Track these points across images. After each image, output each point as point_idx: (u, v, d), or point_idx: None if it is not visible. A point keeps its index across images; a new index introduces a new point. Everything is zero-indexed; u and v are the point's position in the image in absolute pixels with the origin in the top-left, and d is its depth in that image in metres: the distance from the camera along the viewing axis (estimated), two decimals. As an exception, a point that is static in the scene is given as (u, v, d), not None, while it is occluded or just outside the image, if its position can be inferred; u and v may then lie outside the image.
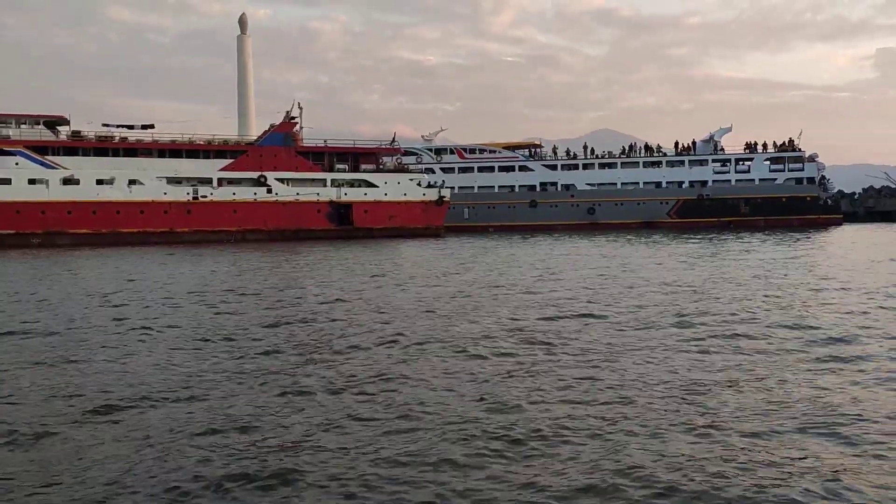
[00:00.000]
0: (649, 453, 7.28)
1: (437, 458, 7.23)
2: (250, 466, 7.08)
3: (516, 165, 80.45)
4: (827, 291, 20.01)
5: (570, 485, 6.57)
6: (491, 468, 6.98)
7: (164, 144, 59.57)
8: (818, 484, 6.51)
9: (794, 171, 76.41)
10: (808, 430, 7.96)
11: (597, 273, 26.47)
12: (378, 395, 9.61)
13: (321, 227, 61.14)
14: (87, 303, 19.47)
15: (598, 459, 7.15)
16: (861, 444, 7.53)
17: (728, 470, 6.83)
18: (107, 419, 8.68)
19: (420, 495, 6.44)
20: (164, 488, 6.63)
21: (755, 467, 6.90)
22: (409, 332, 14.14)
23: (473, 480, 6.70)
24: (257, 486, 6.67)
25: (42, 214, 54.34)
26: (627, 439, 7.72)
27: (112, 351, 12.74)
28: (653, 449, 7.41)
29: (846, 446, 7.48)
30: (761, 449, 7.39)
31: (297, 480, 6.77)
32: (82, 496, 6.52)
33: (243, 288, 22.88)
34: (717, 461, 7.05)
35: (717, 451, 7.35)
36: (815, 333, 13.54)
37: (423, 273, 27.73)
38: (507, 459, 7.22)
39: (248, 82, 72.22)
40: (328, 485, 6.66)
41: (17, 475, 6.98)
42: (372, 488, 6.56)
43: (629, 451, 7.33)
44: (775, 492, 6.34)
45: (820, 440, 7.66)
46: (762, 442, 7.61)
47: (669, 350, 12.27)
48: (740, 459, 7.11)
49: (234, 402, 9.33)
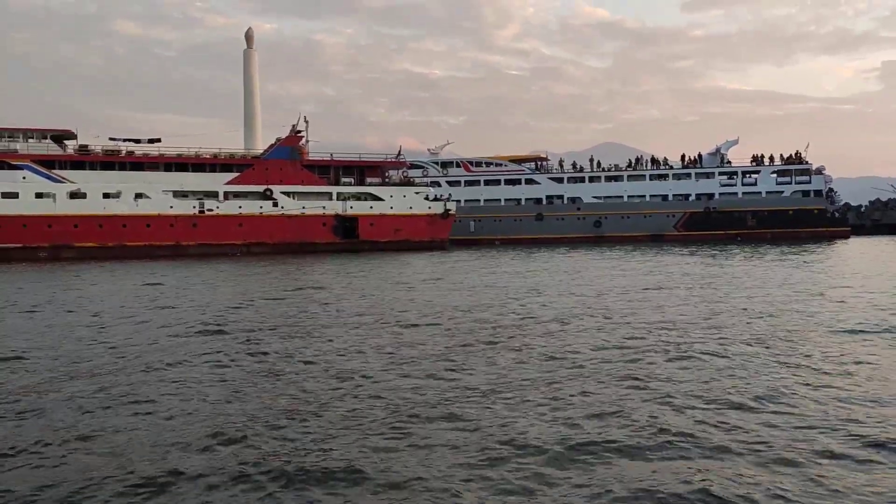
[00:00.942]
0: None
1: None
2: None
3: (522, 178, 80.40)
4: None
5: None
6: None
7: (171, 158, 59.73)
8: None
9: (802, 184, 76.15)
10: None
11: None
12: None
13: (327, 240, 61.16)
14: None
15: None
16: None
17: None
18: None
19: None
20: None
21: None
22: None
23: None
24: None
25: (49, 228, 54.49)
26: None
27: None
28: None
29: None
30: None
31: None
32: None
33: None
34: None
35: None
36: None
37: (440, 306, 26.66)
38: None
39: (255, 96, 72.39)
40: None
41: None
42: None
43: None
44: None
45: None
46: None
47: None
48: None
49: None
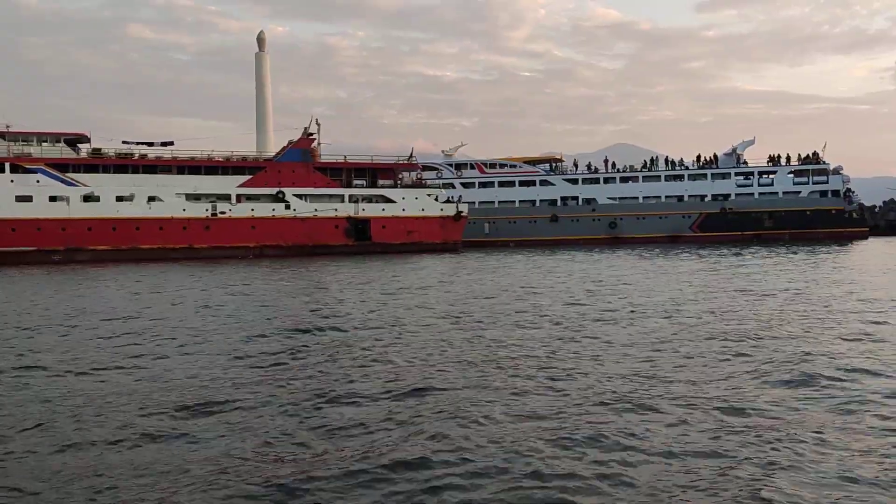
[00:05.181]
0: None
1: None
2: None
3: (537, 180, 79.89)
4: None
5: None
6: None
7: (183, 161, 59.95)
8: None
9: (819, 184, 75.08)
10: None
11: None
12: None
13: (339, 242, 61.13)
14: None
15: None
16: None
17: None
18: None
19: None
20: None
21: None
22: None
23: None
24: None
25: (63, 231, 54.84)
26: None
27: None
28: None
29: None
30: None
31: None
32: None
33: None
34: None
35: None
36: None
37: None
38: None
39: (267, 99, 72.67)
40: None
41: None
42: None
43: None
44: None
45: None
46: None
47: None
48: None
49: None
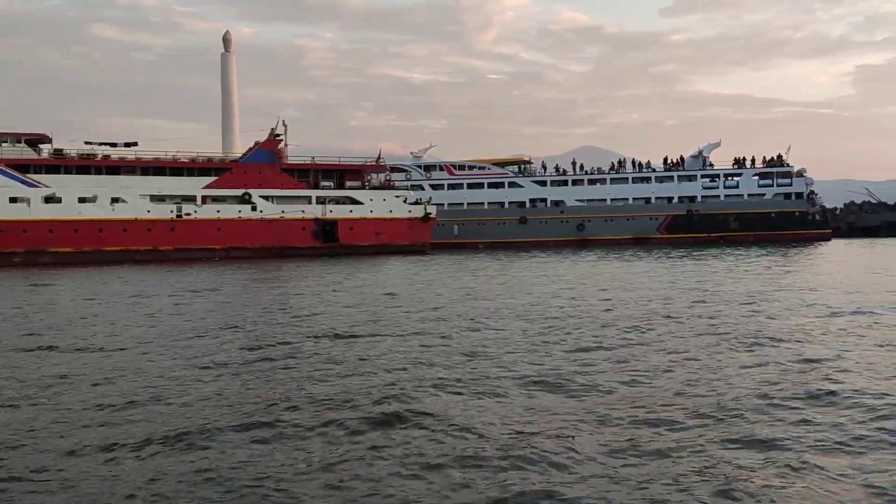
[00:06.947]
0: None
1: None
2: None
3: (506, 182, 79.90)
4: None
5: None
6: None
7: (148, 162, 59.22)
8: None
9: (783, 187, 75.98)
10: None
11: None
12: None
13: (306, 244, 60.73)
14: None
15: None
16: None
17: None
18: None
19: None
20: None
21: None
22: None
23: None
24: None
25: (24, 233, 53.81)
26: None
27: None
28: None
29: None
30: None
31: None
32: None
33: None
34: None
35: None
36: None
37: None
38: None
39: (233, 100, 72.04)
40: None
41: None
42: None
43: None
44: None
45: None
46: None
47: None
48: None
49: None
